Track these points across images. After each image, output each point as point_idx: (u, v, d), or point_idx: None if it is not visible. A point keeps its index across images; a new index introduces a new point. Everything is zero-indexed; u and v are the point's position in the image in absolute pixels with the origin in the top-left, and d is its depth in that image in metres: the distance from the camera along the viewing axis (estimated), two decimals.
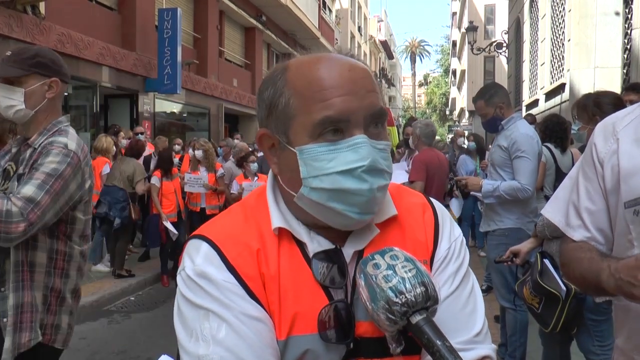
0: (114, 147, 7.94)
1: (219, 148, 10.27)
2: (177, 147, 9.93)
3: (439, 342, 0.87)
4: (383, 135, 1.01)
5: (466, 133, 10.99)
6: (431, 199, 1.16)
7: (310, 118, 0.96)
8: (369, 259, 0.94)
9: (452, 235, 1.10)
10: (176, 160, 7.51)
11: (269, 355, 0.95)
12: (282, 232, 1.03)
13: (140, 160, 7.86)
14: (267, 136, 1.04)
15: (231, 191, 7.59)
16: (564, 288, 2.87)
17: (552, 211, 1.54)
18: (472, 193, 5.30)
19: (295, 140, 0.99)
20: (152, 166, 8.73)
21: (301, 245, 1.02)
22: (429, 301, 0.89)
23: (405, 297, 0.87)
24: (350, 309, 0.99)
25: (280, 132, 1.01)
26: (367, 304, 0.92)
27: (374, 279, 0.91)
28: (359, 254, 1.02)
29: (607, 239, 1.40)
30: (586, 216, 1.41)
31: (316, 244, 1.02)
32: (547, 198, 5.00)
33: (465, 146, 9.54)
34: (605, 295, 1.33)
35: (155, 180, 7.35)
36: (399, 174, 6.09)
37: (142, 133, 9.62)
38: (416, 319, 0.88)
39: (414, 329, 0.89)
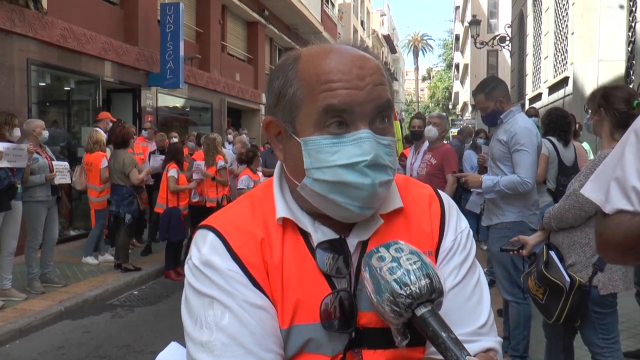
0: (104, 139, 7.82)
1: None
2: (191, 144, 9.87)
3: (444, 334, 0.86)
4: (389, 131, 1.01)
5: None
6: (439, 190, 1.16)
7: (315, 107, 0.97)
8: (373, 252, 0.94)
9: (458, 227, 1.10)
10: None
11: (271, 343, 0.96)
12: (286, 222, 1.03)
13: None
14: (274, 124, 1.05)
15: (239, 187, 7.70)
16: (568, 280, 2.87)
17: (592, 190, 1.45)
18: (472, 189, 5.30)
19: (301, 130, 0.99)
20: (151, 162, 8.73)
21: (305, 235, 1.03)
22: (433, 293, 0.88)
23: (410, 288, 0.87)
24: (353, 298, 0.99)
25: (287, 121, 1.02)
26: (372, 296, 0.91)
27: (378, 271, 0.90)
28: (363, 245, 1.03)
29: None
30: (634, 196, 1.30)
31: (320, 234, 1.02)
32: (549, 191, 5.00)
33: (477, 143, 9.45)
34: None
35: (173, 172, 7.42)
36: None
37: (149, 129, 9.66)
38: (421, 311, 0.88)
39: (419, 321, 0.88)
